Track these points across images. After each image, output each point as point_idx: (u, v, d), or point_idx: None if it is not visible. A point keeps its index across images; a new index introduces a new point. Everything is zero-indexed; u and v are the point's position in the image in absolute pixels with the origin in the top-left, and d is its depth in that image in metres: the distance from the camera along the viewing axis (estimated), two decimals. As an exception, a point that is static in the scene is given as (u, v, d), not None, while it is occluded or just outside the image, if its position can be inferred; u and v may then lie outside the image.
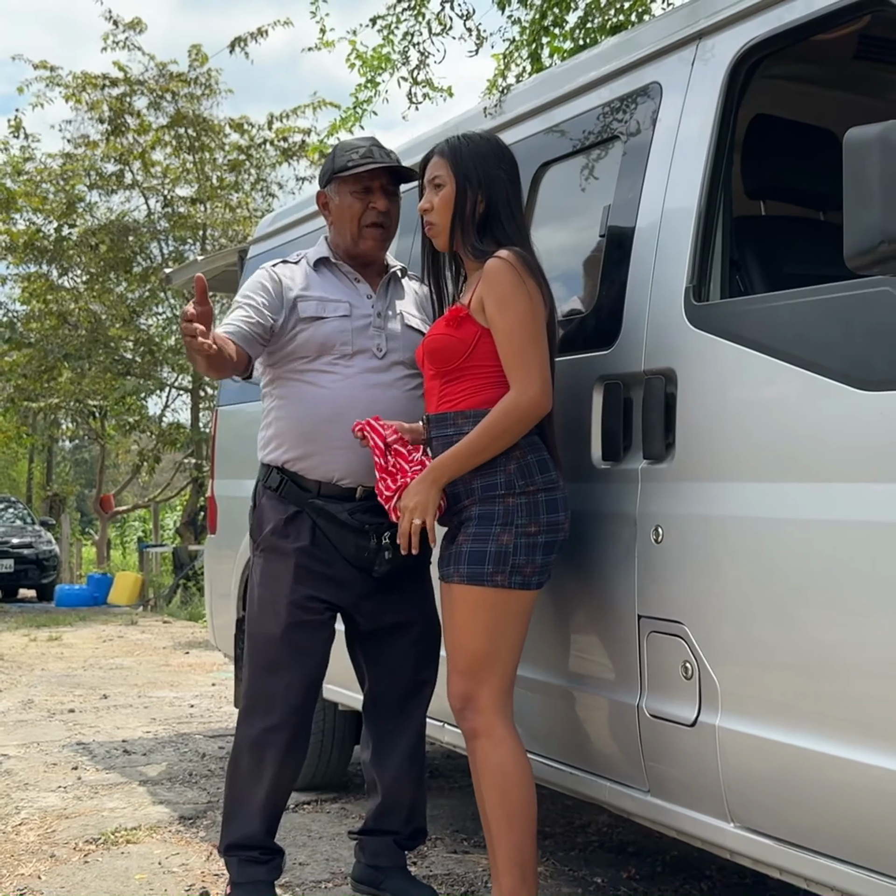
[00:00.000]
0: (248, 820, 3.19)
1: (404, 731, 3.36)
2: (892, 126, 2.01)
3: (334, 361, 3.20)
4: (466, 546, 2.82)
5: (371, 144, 3.29)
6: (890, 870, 2.24)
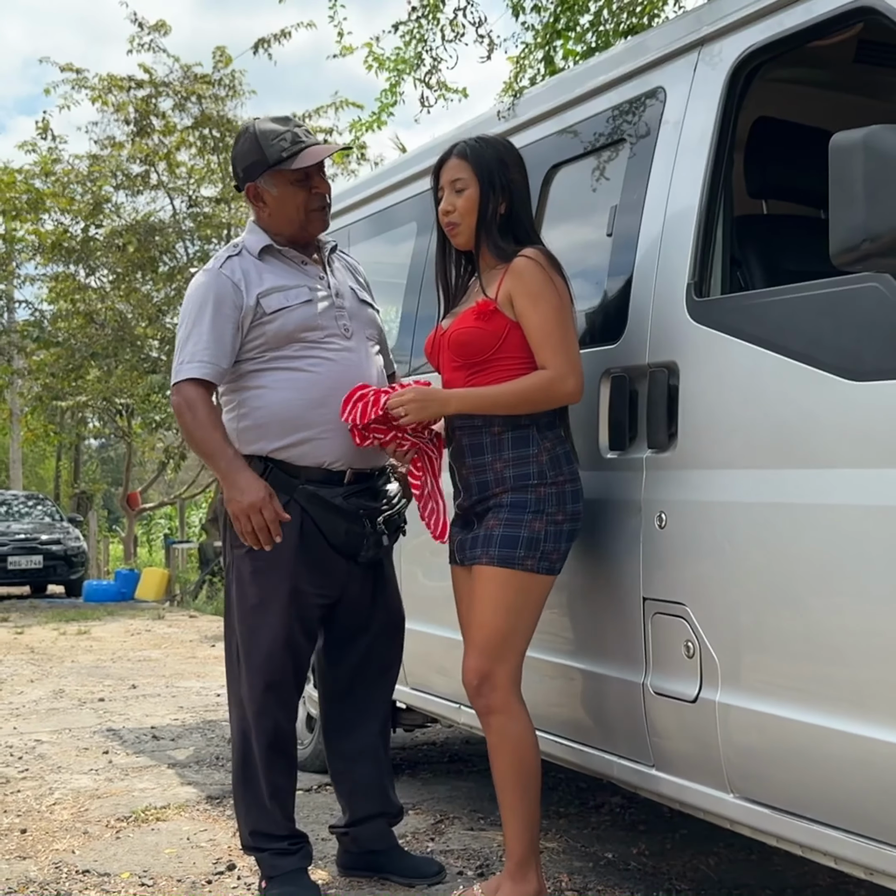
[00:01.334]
0: (268, 814, 3.25)
1: (372, 716, 3.45)
2: (875, 131, 2.13)
3: (308, 346, 3.20)
4: (498, 530, 2.93)
5: (293, 126, 3.26)
6: (877, 833, 2.36)
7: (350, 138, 13.49)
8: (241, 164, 3.30)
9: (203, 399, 3.14)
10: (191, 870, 3.53)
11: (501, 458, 2.96)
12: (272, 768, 3.24)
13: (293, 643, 3.21)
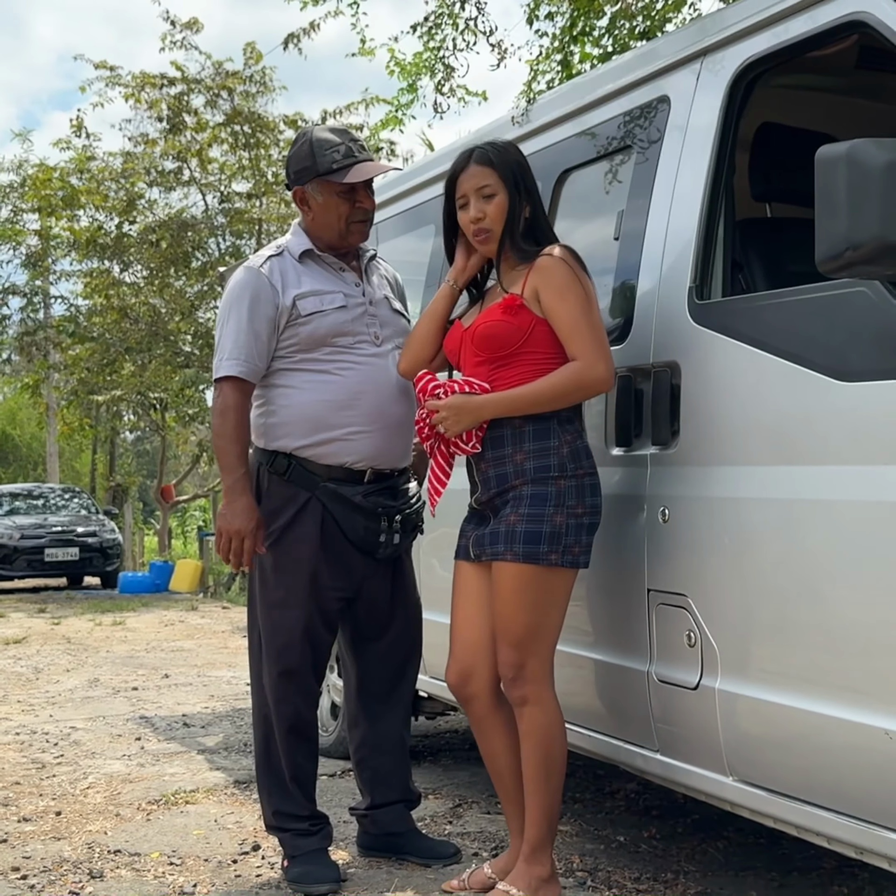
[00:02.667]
0: (290, 795, 3.40)
1: (398, 706, 3.59)
2: (857, 145, 2.24)
3: (338, 351, 3.32)
4: (521, 526, 2.99)
5: (348, 140, 3.37)
6: (866, 815, 2.47)
7: (377, 136, 13.63)
8: (293, 166, 3.43)
9: (237, 407, 3.28)
10: (217, 850, 3.67)
11: (522, 449, 3.02)
12: (294, 752, 3.38)
13: (312, 635, 3.35)
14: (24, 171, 19.45)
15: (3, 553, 16.58)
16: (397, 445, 3.41)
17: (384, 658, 3.56)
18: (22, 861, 3.60)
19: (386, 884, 3.33)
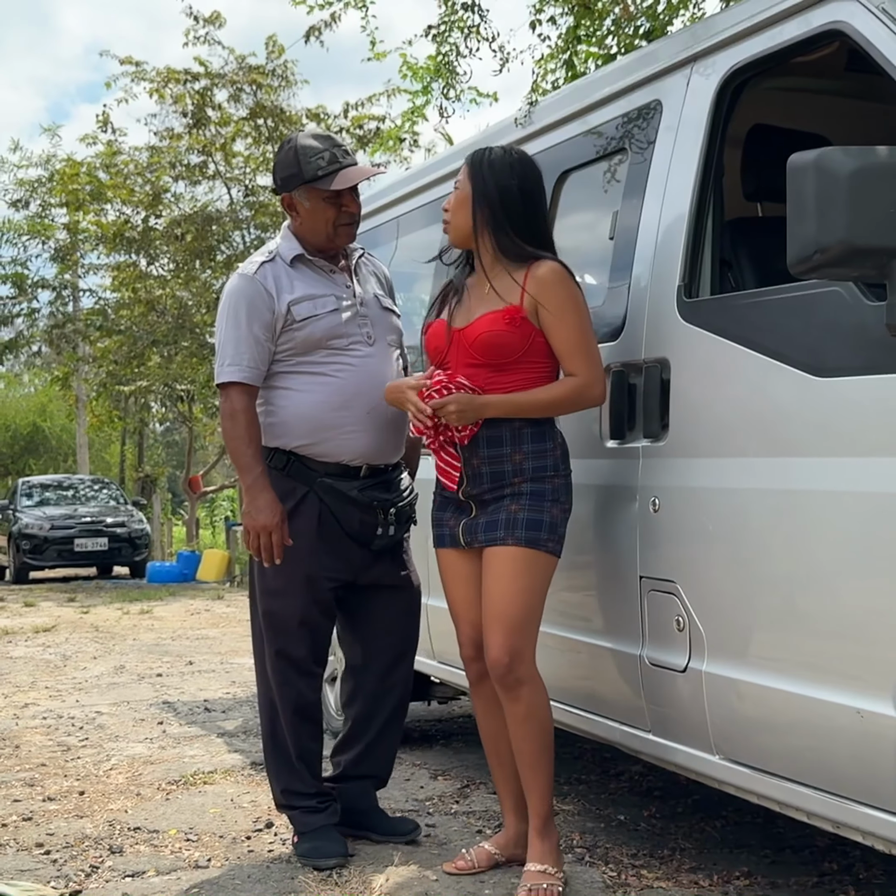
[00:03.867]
0: (298, 774, 3.53)
1: (393, 690, 3.72)
2: (826, 153, 2.35)
3: (333, 353, 3.44)
4: (523, 514, 3.13)
5: (332, 146, 3.47)
6: (842, 790, 2.59)
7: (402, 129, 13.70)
8: (279, 173, 3.54)
9: (245, 410, 3.41)
10: (232, 827, 3.83)
11: (521, 450, 3.16)
12: (299, 733, 3.52)
13: (309, 622, 3.48)
14: (52, 165, 19.67)
15: (33, 543, 16.85)
16: (391, 441, 3.55)
17: (384, 639, 3.69)
18: (46, 837, 3.76)
19: (390, 859, 3.47)
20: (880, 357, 2.47)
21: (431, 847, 3.59)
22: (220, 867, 3.45)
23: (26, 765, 4.83)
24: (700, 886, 3.24)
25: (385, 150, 17.13)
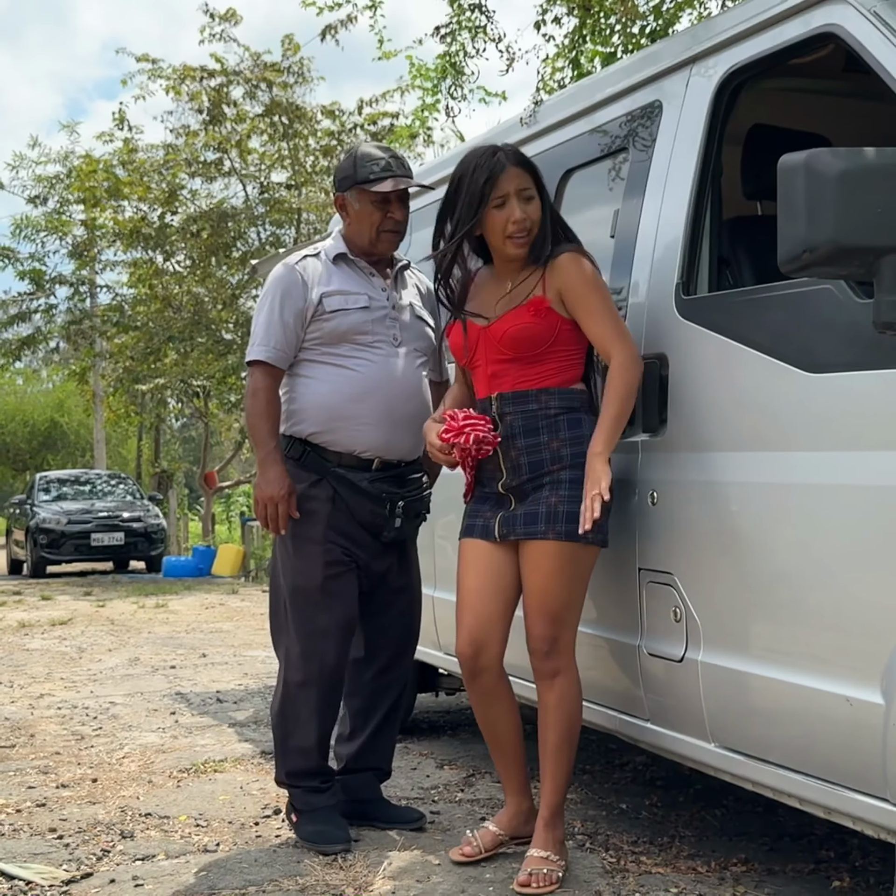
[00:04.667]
0: (306, 752, 3.59)
1: (392, 684, 3.80)
2: (815, 154, 2.40)
3: (357, 348, 3.57)
4: (563, 507, 3.16)
5: (390, 156, 3.64)
6: (833, 777, 2.65)
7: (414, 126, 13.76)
8: (337, 175, 3.73)
9: (267, 388, 3.56)
10: (241, 813, 3.91)
11: (558, 437, 3.20)
12: (320, 713, 3.57)
13: (330, 590, 3.55)
14: (70, 162, 19.82)
15: (50, 538, 17.00)
16: (405, 439, 3.64)
17: (387, 632, 3.77)
18: (59, 823, 3.85)
19: (394, 844, 3.55)
20: (870, 353, 2.53)
21: (435, 833, 3.66)
22: (228, 851, 3.53)
23: (41, 753, 4.92)
24: (697, 872, 3.30)
25: (400, 147, 17.23)
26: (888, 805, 2.50)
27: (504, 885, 3.17)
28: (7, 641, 8.89)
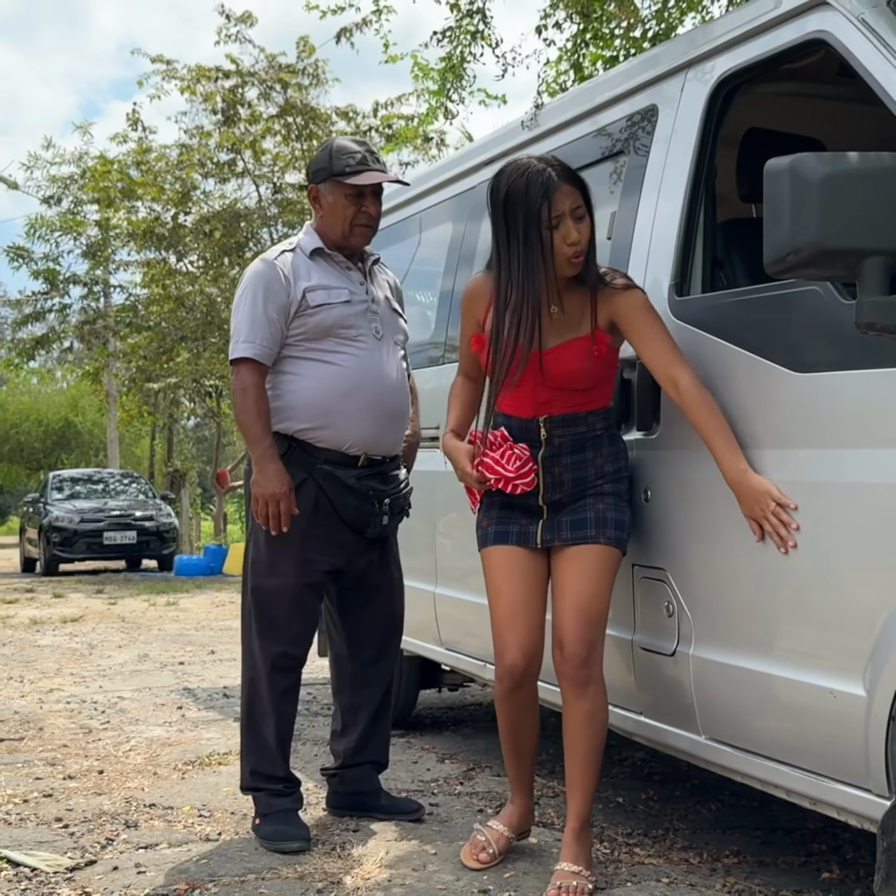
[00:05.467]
0: (268, 756, 3.63)
1: (380, 677, 3.83)
2: (800, 158, 2.46)
3: (341, 343, 3.58)
4: (610, 514, 3.17)
5: (365, 150, 3.65)
6: (817, 768, 2.71)
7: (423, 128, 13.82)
8: (312, 167, 3.73)
9: (255, 385, 3.54)
10: (244, 804, 3.97)
11: (601, 453, 3.22)
12: (279, 714, 3.62)
13: (299, 600, 3.59)
14: (84, 163, 19.95)
15: (63, 536, 17.10)
16: (390, 434, 3.68)
17: (370, 628, 3.81)
18: (65, 813, 3.92)
19: (392, 834, 3.61)
20: (854, 353, 2.58)
21: (433, 824, 3.73)
22: (229, 840, 3.60)
23: (49, 746, 5.00)
24: (690, 864, 3.36)
25: (415, 150, 17.30)
26: (870, 795, 2.56)
27: (498, 874, 3.23)
28: (19, 638, 8.98)
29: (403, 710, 5.14)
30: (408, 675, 5.07)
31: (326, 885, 3.16)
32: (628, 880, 3.20)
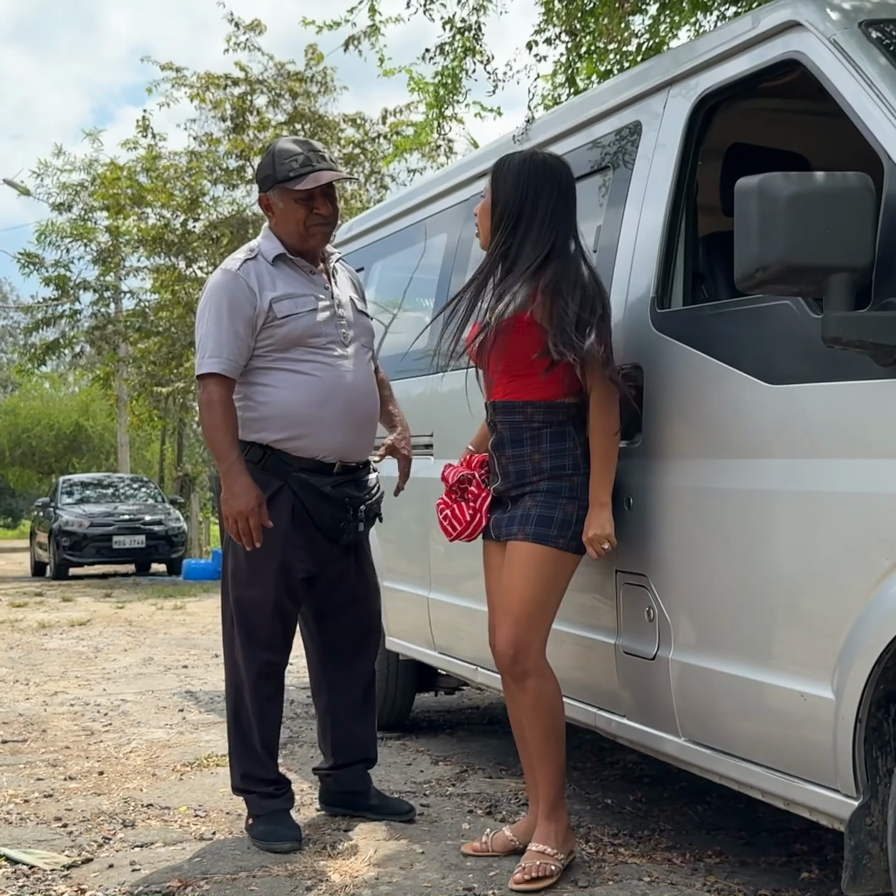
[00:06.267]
0: (258, 760, 3.70)
1: (357, 677, 3.90)
2: (767, 178, 2.54)
3: (310, 351, 3.60)
4: (535, 510, 3.30)
5: (308, 150, 3.63)
6: (789, 769, 2.79)
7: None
8: (259, 174, 3.75)
9: (222, 400, 3.56)
10: (239, 805, 4.04)
11: (540, 449, 3.33)
12: (265, 719, 3.70)
13: (281, 609, 3.65)
14: (94, 170, 20.08)
15: (73, 540, 17.21)
16: (363, 440, 3.74)
17: (345, 631, 3.86)
18: (64, 812, 4.01)
19: (381, 834, 3.69)
20: (823, 366, 2.66)
21: (422, 824, 3.81)
22: (223, 839, 3.69)
23: (51, 747, 5.10)
24: (672, 863, 3.43)
25: (423, 157, 17.39)
26: (839, 796, 2.64)
27: (483, 873, 3.31)
28: (26, 641, 9.09)
29: (399, 713, 5.23)
30: (403, 679, 5.15)
31: (315, 883, 3.25)
32: (610, 879, 3.28)
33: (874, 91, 2.69)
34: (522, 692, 3.33)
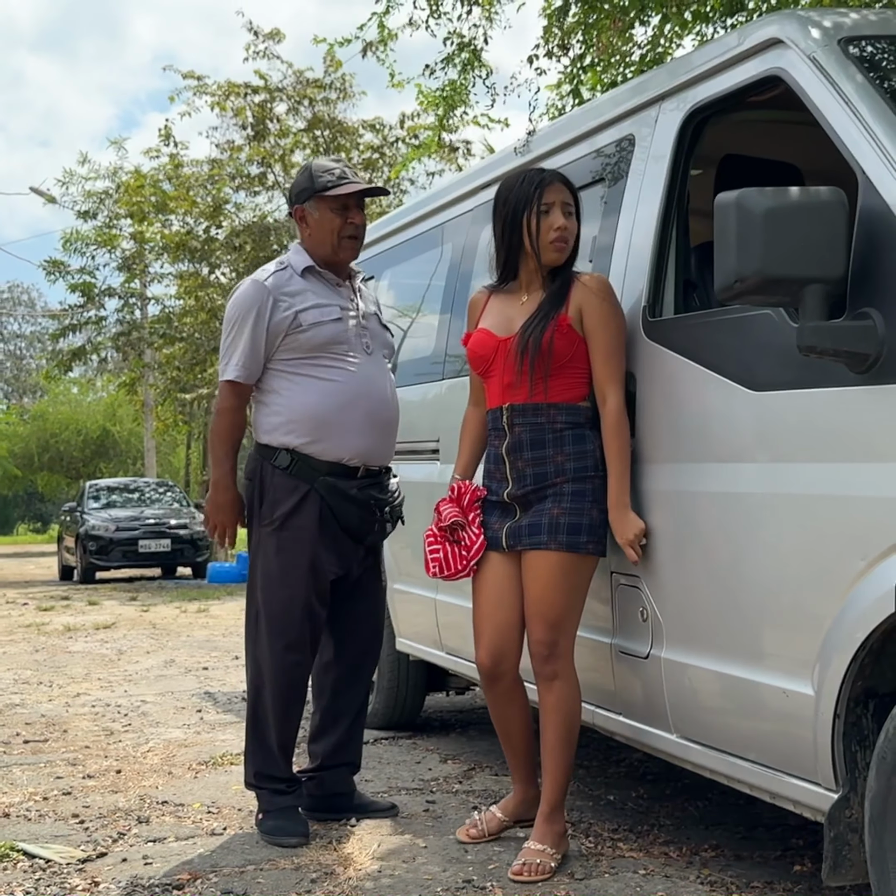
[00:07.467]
0: (272, 760, 3.80)
1: (358, 685, 4.00)
2: (745, 193, 2.63)
3: (333, 358, 3.74)
4: (564, 518, 3.36)
5: (343, 166, 3.85)
6: (775, 763, 2.88)
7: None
8: (294, 190, 3.93)
9: (233, 409, 3.77)
10: (251, 802, 4.16)
11: (563, 451, 3.41)
12: (284, 719, 3.79)
13: (310, 609, 3.76)
14: (119, 177, 20.28)
15: (99, 544, 17.39)
16: (386, 445, 3.88)
17: (356, 634, 3.98)
18: (81, 809, 4.14)
19: (386, 829, 3.80)
20: (802, 374, 2.75)
21: (427, 820, 3.91)
22: (233, 835, 3.81)
23: (71, 747, 5.23)
24: (668, 857, 3.52)
25: (441, 160, 17.49)
26: (820, 789, 2.72)
27: (483, 866, 3.41)
28: (52, 644, 9.25)
29: (410, 712, 5.33)
30: (414, 679, 5.25)
31: (320, 876, 3.36)
32: (607, 872, 3.37)
33: (850, 108, 2.77)
34: (548, 692, 3.42)
